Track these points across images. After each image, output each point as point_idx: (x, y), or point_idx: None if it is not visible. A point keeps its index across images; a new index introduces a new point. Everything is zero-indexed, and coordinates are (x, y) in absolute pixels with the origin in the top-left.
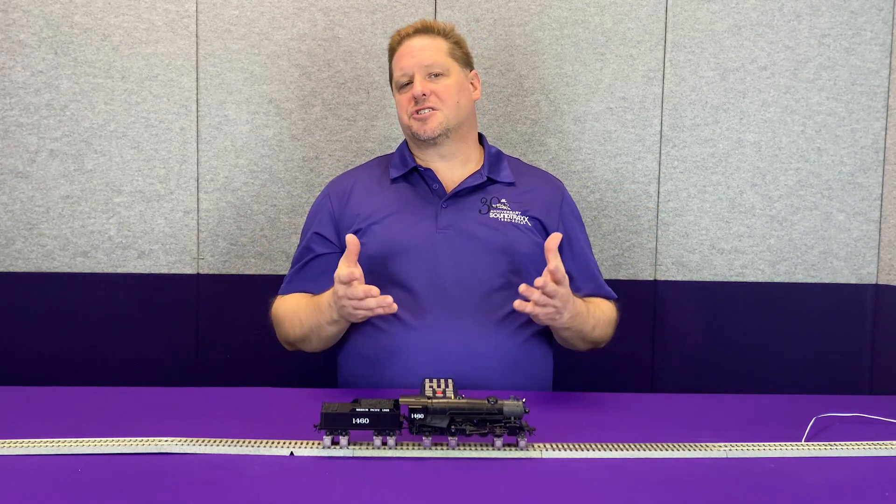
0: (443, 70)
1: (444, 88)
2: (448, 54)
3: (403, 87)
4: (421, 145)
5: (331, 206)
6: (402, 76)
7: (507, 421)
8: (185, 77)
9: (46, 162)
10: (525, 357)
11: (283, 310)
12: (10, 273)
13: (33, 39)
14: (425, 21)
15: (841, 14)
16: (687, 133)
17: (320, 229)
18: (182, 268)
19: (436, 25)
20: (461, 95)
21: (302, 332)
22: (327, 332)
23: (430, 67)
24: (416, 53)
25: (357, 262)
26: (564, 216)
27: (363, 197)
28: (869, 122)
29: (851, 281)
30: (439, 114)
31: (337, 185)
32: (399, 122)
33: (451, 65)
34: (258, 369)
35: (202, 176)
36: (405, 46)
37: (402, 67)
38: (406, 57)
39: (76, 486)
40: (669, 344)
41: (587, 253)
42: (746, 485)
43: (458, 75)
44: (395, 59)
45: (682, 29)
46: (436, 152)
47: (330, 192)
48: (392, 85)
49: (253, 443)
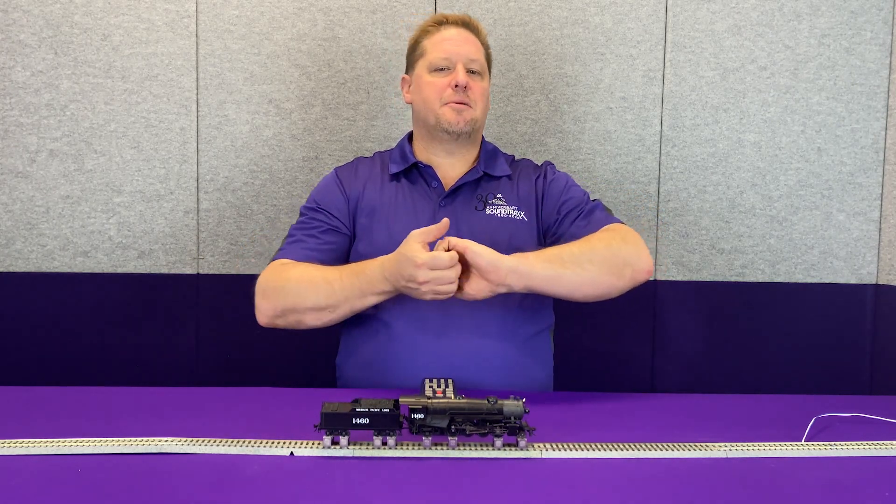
0: (481, 70)
1: (480, 88)
2: (485, 57)
3: (439, 70)
4: (436, 136)
5: (342, 186)
6: (444, 60)
7: (507, 421)
8: (185, 77)
9: (46, 162)
10: (525, 357)
11: (297, 275)
12: (10, 273)
13: (33, 39)
14: (471, 18)
15: (841, 14)
16: (687, 133)
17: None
18: (182, 268)
19: (479, 26)
20: (487, 102)
21: (329, 300)
22: (367, 302)
23: (473, 63)
24: (461, 43)
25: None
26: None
27: (367, 188)
28: (869, 122)
29: (851, 281)
30: (472, 112)
31: (346, 172)
32: (417, 106)
33: (486, 70)
34: (258, 369)
35: (202, 176)
36: (450, 31)
37: (447, 51)
38: (450, 42)
39: (76, 486)
40: (669, 344)
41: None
42: (746, 485)
43: (488, 82)
44: (433, 39)
45: (682, 29)
46: (445, 147)
47: (339, 173)
48: (418, 63)
49: (253, 443)
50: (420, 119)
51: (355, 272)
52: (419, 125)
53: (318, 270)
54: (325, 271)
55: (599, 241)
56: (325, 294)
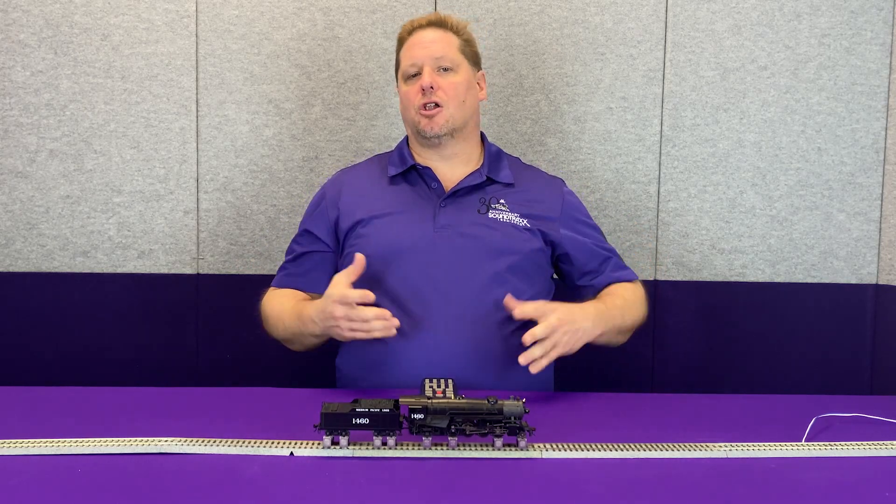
0: (452, 65)
1: (451, 85)
2: (459, 50)
3: (411, 77)
4: (423, 143)
5: (326, 205)
6: (411, 66)
7: (507, 421)
8: (184, 77)
9: (46, 162)
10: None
11: (270, 308)
12: (10, 273)
13: (33, 39)
14: (439, 14)
15: (841, 14)
16: (687, 133)
17: (311, 227)
18: (182, 268)
19: (449, 20)
20: (468, 94)
21: (285, 335)
22: (310, 341)
23: (440, 61)
24: (427, 45)
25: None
26: (564, 221)
27: (361, 195)
28: (869, 122)
29: (851, 281)
30: (444, 112)
31: (335, 183)
32: (402, 116)
33: (461, 61)
34: (258, 369)
35: (202, 176)
36: (416, 36)
37: (412, 57)
38: (417, 47)
39: (76, 486)
40: (669, 344)
41: (596, 245)
42: (746, 485)
43: (467, 73)
44: (404, 49)
45: (682, 29)
46: (437, 152)
47: (327, 190)
48: (398, 76)
49: (253, 443)
50: (407, 128)
51: (298, 314)
52: (409, 133)
53: (283, 306)
54: (284, 307)
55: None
56: (282, 330)
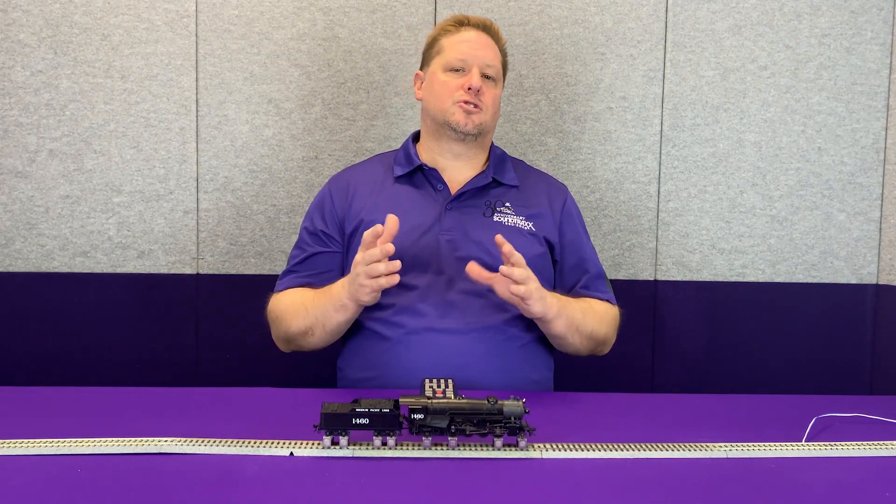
0: (496, 76)
1: (492, 95)
2: (501, 64)
3: (454, 71)
4: (443, 135)
5: (333, 204)
6: (460, 61)
7: (507, 421)
8: (184, 77)
9: (46, 162)
10: (526, 362)
11: (285, 303)
12: (10, 273)
13: (33, 39)
14: (492, 22)
15: (841, 14)
16: (687, 133)
17: (320, 226)
18: (182, 268)
19: (499, 33)
20: (497, 108)
21: (306, 322)
22: (334, 321)
23: (489, 69)
24: (480, 47)
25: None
26: (562, 220)
27: (366, 195)
28: (869, 122)
29: (852, 281)
30: (481, 115)
31: (339, 182)
32: (428, 104)
33: (500, 76)
34: (258, 369)
35: (202, 176)
36: (469, 33)
37: (464, 52)
38: (469, 44)
39: (76, 486)
40: (669, 344)
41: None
42: (746, 485)
43: (501, 88)
44: (452, 39)
45: (682, 29)
46: (452, 150)
47: (332, 188)
48: (433, 61)
49: (252, 443)
50: (429, 116)
51: (326, 290)
52: (427, 123)
53: (301, 295)
54: (305, 296)
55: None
56: (303, 317)
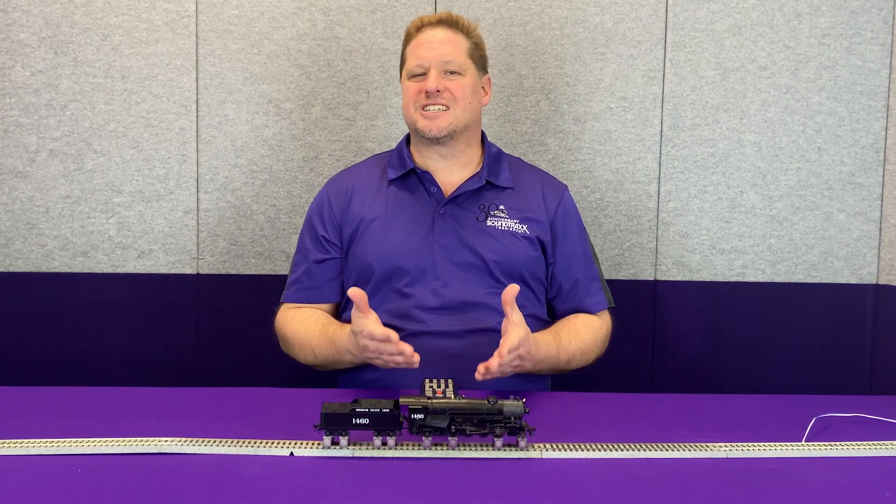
0: (460, 69)
1: (458, 87)
2: (467, 54)
3: (416, 76)
4: (423, 141)
5: (331, 208)
6: (418, 66)
7: (507, 421)
8: (184, 77)
9: (46, 162)
10: None
11: (292, 332)
12: (10, 273)
13: (33, 39)
14: (451, 14)
15: (841, 14)
16: (687, 133)
17: (322, 232)
18: (182, 268)
19: (460, 21)
20: (473, 97)
21: (316, 361)
22: (346, 364)
23: (449, 64)
24: (436, 46)
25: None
26: (555, 220)
27: (361, 199)
28: (869, 122)
29: (851, 281)
30: (449, 114)
31: (336, 185)
32: (402, 112)
33: (469, 65)
34: (258, 369)
35: (202, 176)
36: (426, 35)
37: (420, 57)
38: (425, 47)
39: (76, 486)
40: (669, 344)
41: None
42: (746, 485)
43: (474, 77)
44: (411, 46)
45: (682, 29)
46: (436, 151)
47: (329, 192)
48: (402, 71)
49: (253, 443)
50: (407, 125)
51: (331, 340)
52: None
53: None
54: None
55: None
56: (312, 358)
